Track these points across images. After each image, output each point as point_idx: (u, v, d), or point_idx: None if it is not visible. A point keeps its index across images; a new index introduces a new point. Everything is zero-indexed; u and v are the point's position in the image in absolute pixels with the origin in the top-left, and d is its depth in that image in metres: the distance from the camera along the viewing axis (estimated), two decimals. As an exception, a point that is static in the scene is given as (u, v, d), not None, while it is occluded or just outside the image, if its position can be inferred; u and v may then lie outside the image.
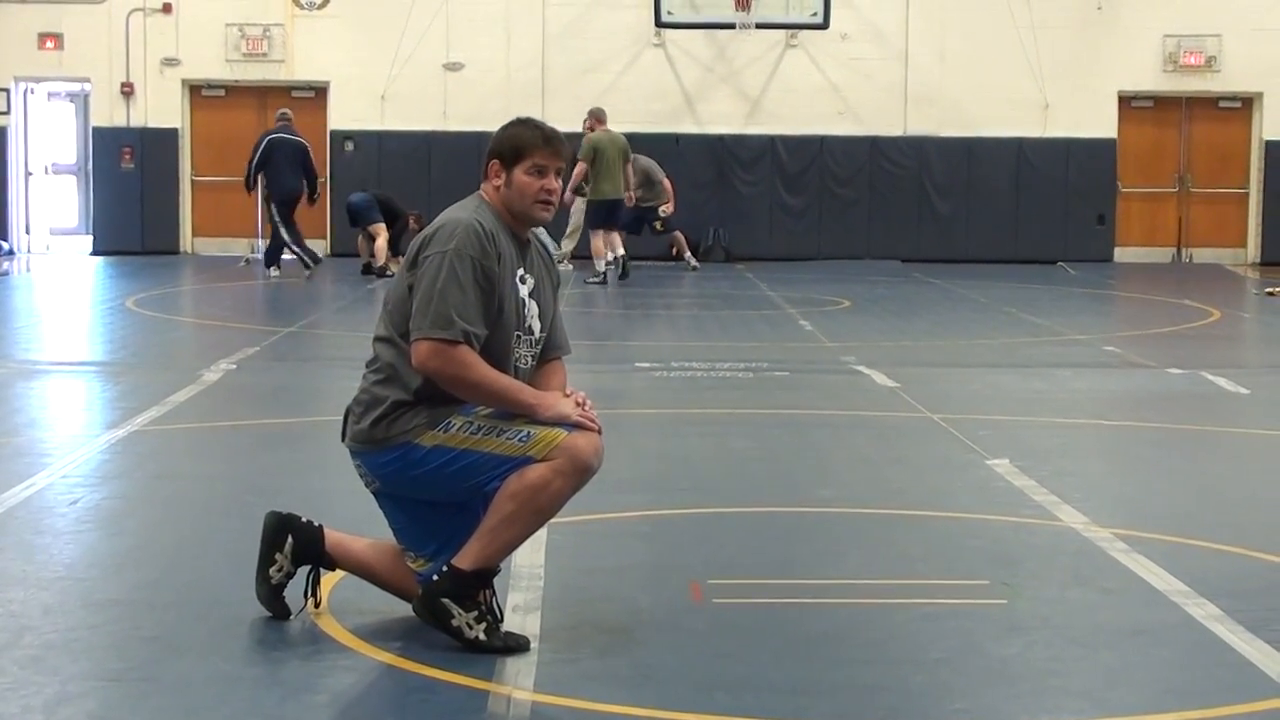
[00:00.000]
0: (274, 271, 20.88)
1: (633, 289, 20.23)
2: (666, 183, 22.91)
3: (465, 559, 5.10)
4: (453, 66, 25.20)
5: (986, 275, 22.50)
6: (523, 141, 5.32)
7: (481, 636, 5.06)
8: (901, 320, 17.02)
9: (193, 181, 25.84)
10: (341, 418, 5.36)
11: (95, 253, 25.39)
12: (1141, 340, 15.07)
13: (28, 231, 26.02)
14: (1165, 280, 22.68)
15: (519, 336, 5.29)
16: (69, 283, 21.16)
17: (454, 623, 5.07)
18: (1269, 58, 25.37)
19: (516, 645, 5.09)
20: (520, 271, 5.31)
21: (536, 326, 5.36)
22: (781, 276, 21.95)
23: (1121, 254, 25.95)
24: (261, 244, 24.27)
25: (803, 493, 7.92)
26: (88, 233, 26.24)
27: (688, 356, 12.98)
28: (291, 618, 5.36)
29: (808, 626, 5.48)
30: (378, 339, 5.31)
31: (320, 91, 25.62)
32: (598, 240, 20.69)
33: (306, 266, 20.58)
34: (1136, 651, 5.27)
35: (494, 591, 5.18)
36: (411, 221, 21.05)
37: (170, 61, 25.48)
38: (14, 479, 7.80)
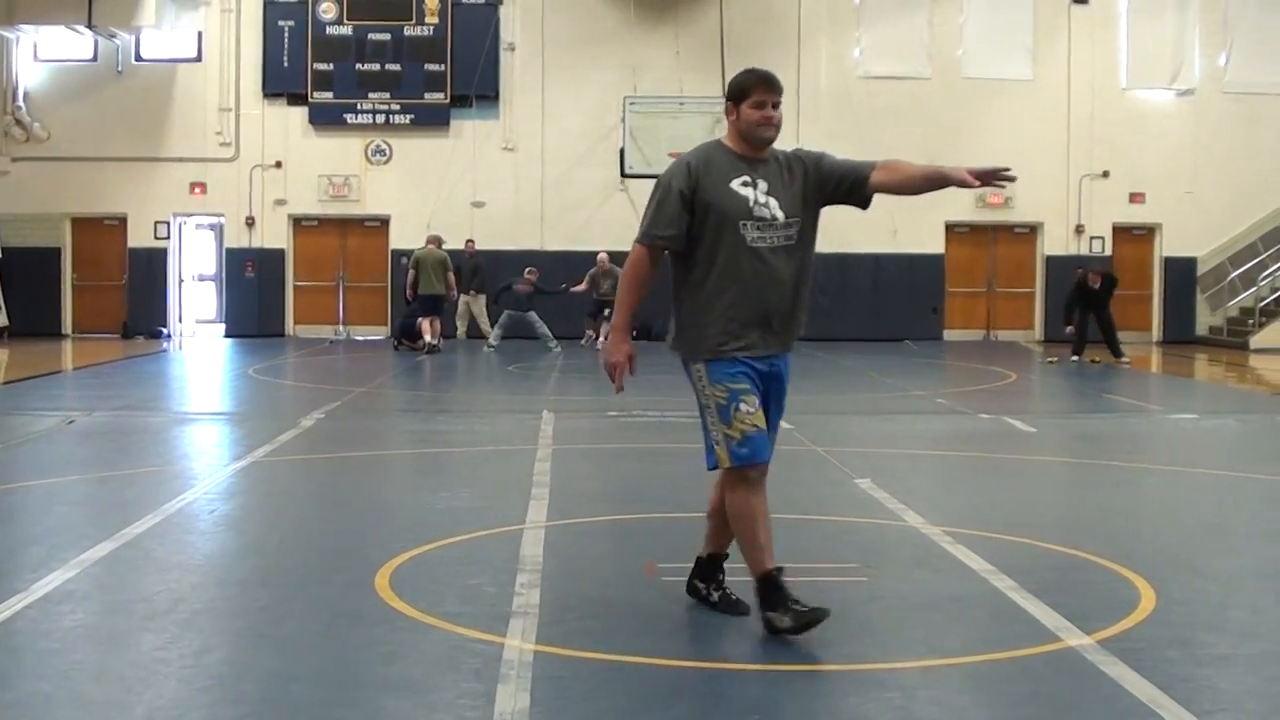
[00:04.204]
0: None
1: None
2: None
3: (703, 550, 5.31)
4: (478, 204, 25.25)
5: (855, 350, 22.46)
6: (745, 85, 4.94)
7: (713, 598, 5.23)
8: (796, 380, 16.94)
9: (294, 286, 25.77)
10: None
11: (226, 335, 25.28)
12: (962, 395, 15.13)
13: (180, 321, 25.97)
14: (978, 353, 22.75)
15: (744, 223, 4.97)
16: (208, 357, 21.04)
17: (701, 593, 5.28)
18: (1046, 199, 25.62)
19: (735, 610, 5.14)
20: (744, 178, 4.95)
21: (773, 215, 5.01)
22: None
23: (949, 334, 26.01)
24: (343, 330, 24.52)
25: (725, 502, 7.91)
26: (221, 321, 26.17)
27: (644, 407, 12.94)
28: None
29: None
30: None
31: (384, 222, 25.60)
32: (425, 323, 20.98)
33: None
34: (957, 612, 5.29)
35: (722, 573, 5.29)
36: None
37: (280, 201, 25.43)
38: (170, 495, 7.78)
